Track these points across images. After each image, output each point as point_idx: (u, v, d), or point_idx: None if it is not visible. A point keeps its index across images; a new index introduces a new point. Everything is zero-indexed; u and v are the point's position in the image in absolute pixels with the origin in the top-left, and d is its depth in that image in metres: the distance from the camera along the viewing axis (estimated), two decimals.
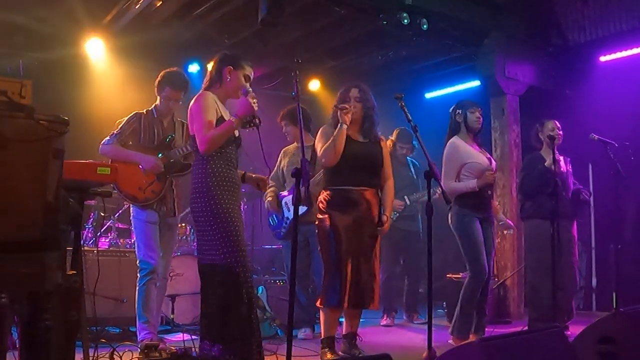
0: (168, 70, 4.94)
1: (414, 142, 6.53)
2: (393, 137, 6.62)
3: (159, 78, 4.91)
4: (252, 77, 3.95)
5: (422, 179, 5.90)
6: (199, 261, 3.80)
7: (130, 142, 4.81)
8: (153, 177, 4.77)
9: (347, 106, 4.45)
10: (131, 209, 4.88)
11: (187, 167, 4.83)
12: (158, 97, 4.93)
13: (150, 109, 4.94)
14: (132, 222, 4.92)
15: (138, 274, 4.71)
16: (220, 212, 3.64)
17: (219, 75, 3.87)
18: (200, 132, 3.68)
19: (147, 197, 4.74)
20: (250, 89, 3.83)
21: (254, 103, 3.72)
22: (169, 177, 4.83)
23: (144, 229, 4.73)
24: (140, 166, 4.73)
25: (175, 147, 4.86)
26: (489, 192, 5.08)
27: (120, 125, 4.84)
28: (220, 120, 3.77)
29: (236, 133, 3.86)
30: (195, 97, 3.82)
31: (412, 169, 6.79)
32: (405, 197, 6.48)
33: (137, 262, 4.74)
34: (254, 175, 4.18)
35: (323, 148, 4.42)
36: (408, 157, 6.82)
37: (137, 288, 4.69)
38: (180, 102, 4.91)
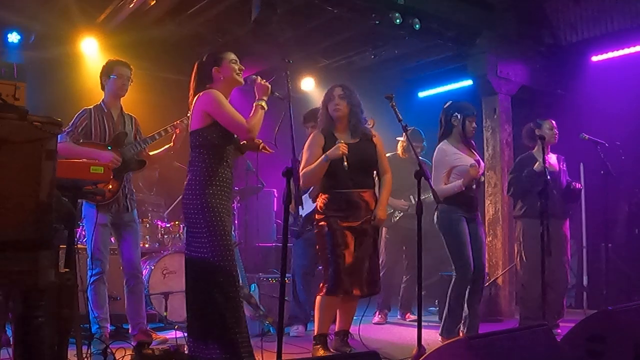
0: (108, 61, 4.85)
1: (424, 143, 6.54)
2: (403, 138, 6.58)
3: (102, 70, 4.81)
4: (237, 58, 3.98)
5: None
6: (186, 254, 3.86)
7: (82, 140, 4.65)
8: (110, 174, 4.70)
9: (344, 144, 4.43)
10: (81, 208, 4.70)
11: (142, 164, 4.77)
12: (104, 92, 4.82)
13: (98, 104, 4.80)
14: (82, 222, 4.80)
15: (87, 272, 4.65)
16: (209, 209, 3.72)
17: (211, 79, 3.91)
18: (236, 123, 3.78)
19: (105, 196, 4.58)
20: (253, 75, 3.98)
21: (264, 82, 3.94)
22: (124, 176, 4.74)
23: (93, 231, 4.58)
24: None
25: (128, 144, 4.76)
26: (474, 189, 5.08)
27: (71, 121, 4.68)
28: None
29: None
30: (204, 94, 3.82)
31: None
32: (411, 196, 6.47)
33: (87, 259, 4.67)
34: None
35: (304, 170, 4.45)
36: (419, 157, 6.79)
37: (87, 287, 4.60)
38: (131, 82, 4.84)
